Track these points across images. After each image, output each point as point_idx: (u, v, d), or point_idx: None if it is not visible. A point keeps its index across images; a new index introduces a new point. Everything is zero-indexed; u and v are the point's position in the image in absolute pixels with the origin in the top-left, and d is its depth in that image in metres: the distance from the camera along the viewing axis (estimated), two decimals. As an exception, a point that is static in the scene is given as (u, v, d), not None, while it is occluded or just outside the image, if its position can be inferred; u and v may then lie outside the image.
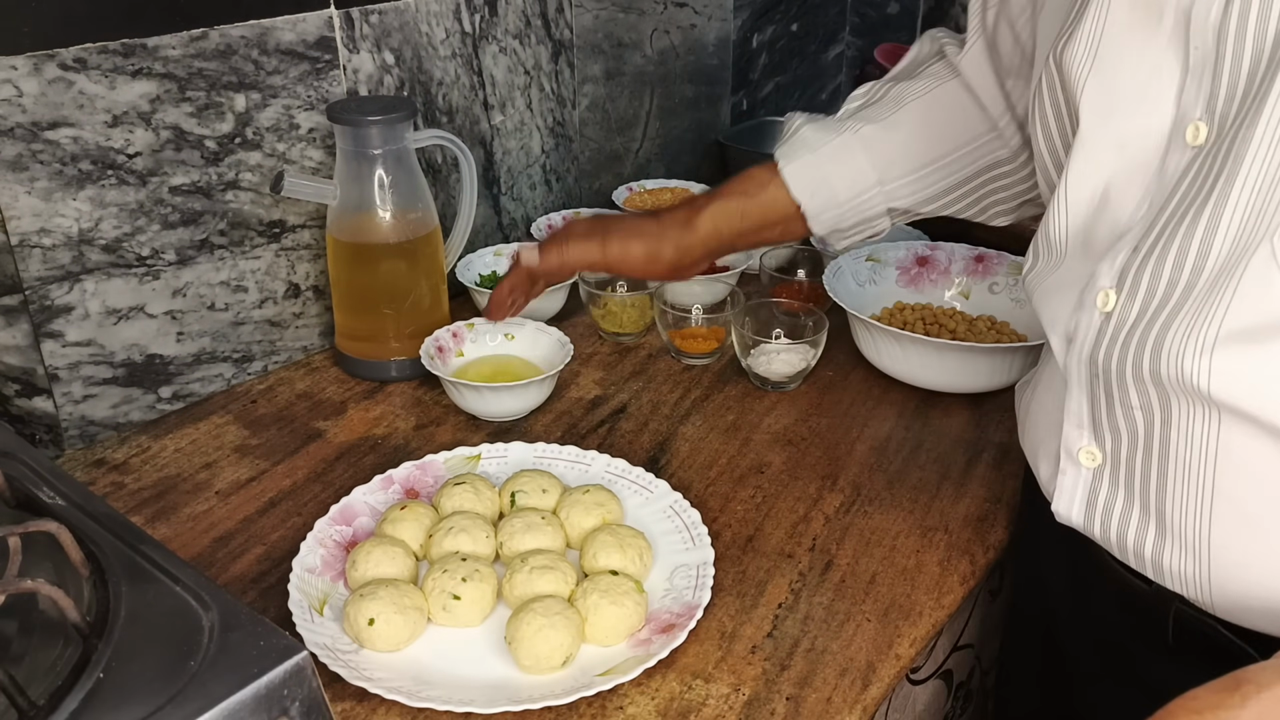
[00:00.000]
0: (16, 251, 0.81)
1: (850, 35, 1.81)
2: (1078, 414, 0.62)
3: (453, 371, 0.97)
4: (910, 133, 0.83)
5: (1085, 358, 0.59)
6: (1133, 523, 0.60)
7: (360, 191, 0.96)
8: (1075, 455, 0.63)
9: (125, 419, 0.92)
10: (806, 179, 0.83)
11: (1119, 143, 0.56)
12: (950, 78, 0.84)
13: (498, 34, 1.15)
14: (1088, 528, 0.64)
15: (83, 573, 0.51)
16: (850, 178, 0.83)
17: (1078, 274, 0.60)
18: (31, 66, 0.78)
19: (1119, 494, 0.61)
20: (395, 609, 0.66)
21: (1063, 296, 0.61)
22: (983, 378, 0.96)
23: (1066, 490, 0.64)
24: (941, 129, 0.83)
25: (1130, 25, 0.55)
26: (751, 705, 0.65)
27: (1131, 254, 0.55)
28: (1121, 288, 0.56)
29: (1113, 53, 0.56)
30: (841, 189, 0.83)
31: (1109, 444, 0.60)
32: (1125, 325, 0.56)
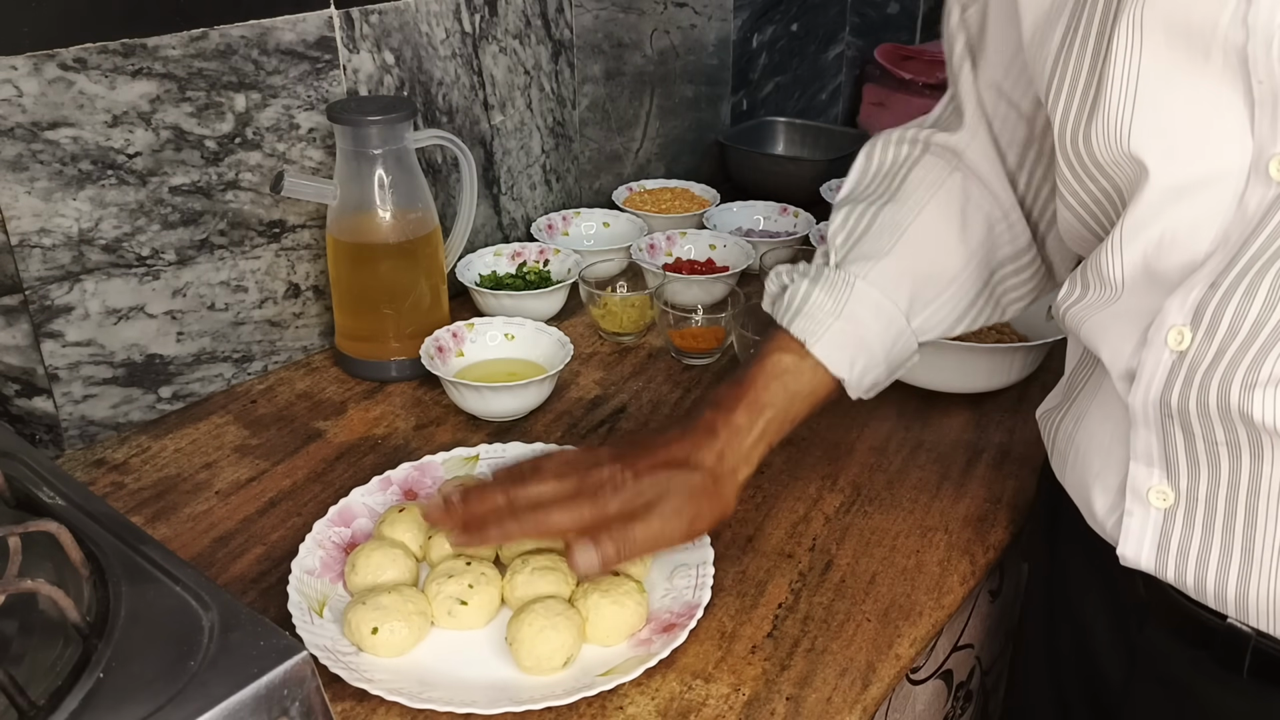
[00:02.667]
0: (16, 251, 0.81)
1: (850, 35, 1.82)
2: (1146, 452, 0.59)
3: (453, 371, 0.97)
4: (927, 254, 0.74)
5: (1154, 398, 0.57)
6: (1212, 561, 0.58)
7: (360, 191, 0.96)
8: (1144, 495, 0.60)
9: (125, 419, 0.92)
10: (845, 351, 0.71)
11: (1183, 184, 0.53)
12: (949, 173, 0.75)
13: (498, 34, 1.15)
14: (1160, 570, 0.61)
15: (83, 573, 0.51)
16: (882, 329, 0.72)
17: (1137, 309, 0.57)
18: (31, 66, 0.78)
19: (1195, 532, 0.58)
20: (399, 616, 0.66)
21: (1121, 333, 0.58)
22: (983, 378, 0.96)
23: (1134, 532, 0.61)
24: (958, 236, 0.74)
25: (1170, 63, 0.53)
26: (751, 705, 0.65)
27: (1209, 290, 0.53)
28: (1198, 325, 0.54)
29: (1155, 94, 0.53)
30: (877, 345, 0.72)
31: (1184, 482, 0.58)
32: (1202, 364, 0.54)
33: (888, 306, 0.72)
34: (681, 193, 1.37)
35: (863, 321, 0.72)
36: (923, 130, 0.77)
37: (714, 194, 1.36)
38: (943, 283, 0.74)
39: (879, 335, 0.72)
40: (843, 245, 0.75)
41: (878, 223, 0.74)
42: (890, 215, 0.74)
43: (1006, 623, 1.00)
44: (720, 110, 1.56)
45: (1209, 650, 0.61)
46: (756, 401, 0.70)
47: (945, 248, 0.74)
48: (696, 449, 0.69)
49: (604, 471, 0.67)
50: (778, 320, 0.74)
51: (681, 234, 1.23)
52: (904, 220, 0.74)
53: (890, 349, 0.73)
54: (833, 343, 0.71)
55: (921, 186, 0.75)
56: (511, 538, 0.69)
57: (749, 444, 0.70)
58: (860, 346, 0.72)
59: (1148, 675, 0.67)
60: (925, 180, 0.75)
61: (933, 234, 0.74)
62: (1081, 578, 0.71)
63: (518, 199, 1.25)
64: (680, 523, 0.67)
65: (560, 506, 0.67)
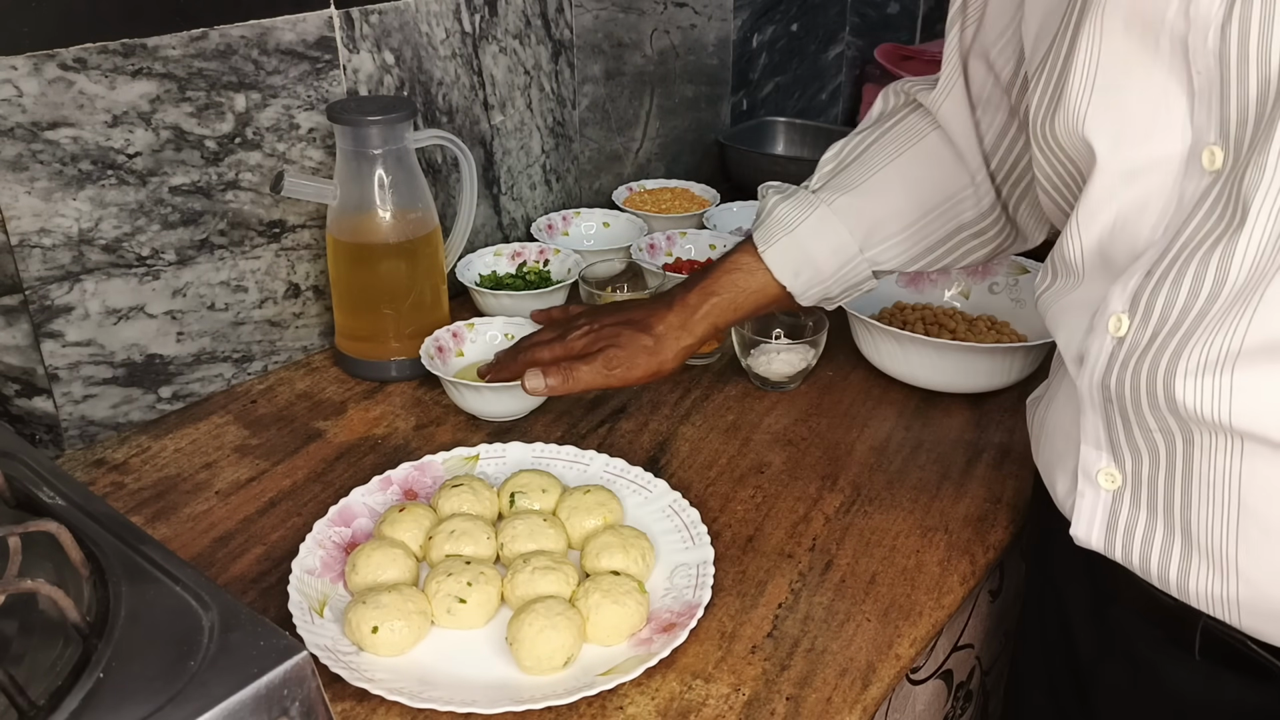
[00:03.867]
0: (16, 251, 0.81)
1: (850, 35, 1.82)
2: (1094, 435, 0.61)
3: (453, 371, 0.97)
4: (888, 197, 0.83)
5: (1097, 381, 0.59)
6: (1156, 543, 0.59)
7: (360, 191, 0.96)
8: (1094, 477, 0.62)
9: (125, 419, 0.92)
10: (789, 260, 0.83)
11: (1132, 169, 0.55)
12: (928, 131, 0.83)
13: (498, 34, 1.15)
14: (1108, 550, 0.63)
15: (83, 573, 0.51)
16: (832, 251, 0.82)
17: (1092, 296, 0.59)
18: (31, 66, 0.78)
19: (1140, 515, 0.60)
20: (399, 615, 0.66)
21: (1075, 318, 0.61)
22: (983, 378, 0.96)
23: (1085, 513, 0.63)
24: (920, 189, 0.82)
25: (1127, 52, 0.54)
26: (751, 705, 0.65)
27: (1145, 278, 0.55)
28: (1134, 312, 0.55)
29: (1112, 80, 0.55)
30: (825, 264, 0.83)
31: (1129, 465, 0.60)
32: (1136, 350, 0.55)
33: (842, 233, 0.82)
34: (681, 193, 1.37)
35: (812, 238, 0.82)
36: (916, 85, 0.85)
37: (714, 194, 1.36)
38: (899, 225, 0.83)
39: (828, 256, 0.83)
40: (825, 174, 0.86)
41: (858, 161, 0.85)
42: (871, 156, 0.84)
43: (1006, 623, 1.00)
44: (720, 110, 1.56)
45: (1165, 629, 0.63)
46: (708, 288, 0.85)
47: (906, 195, 0.83)
48: (650, 315, 0.85)
49: (580, 322, 0.88)
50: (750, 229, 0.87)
51: (681, 234, 1.23)
52: (878, 164, 0.84)
53: (839, 270, 0.83)
54: (780, 252, 0.83)
55: (900, 137, 0.84)
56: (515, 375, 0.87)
57: (694, 319, 0.84)
58: (805, 260, 0.83)
59: (1114, 652, 0.69)
60: (906, 132, 0.84)
61: (898, 181, 0.83)
62: (1064, 560, 0.73)
63: (518, 199, 1.25)
64: (618, 368, 0.83)
65: (542, 344, 0.88)
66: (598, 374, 0.83)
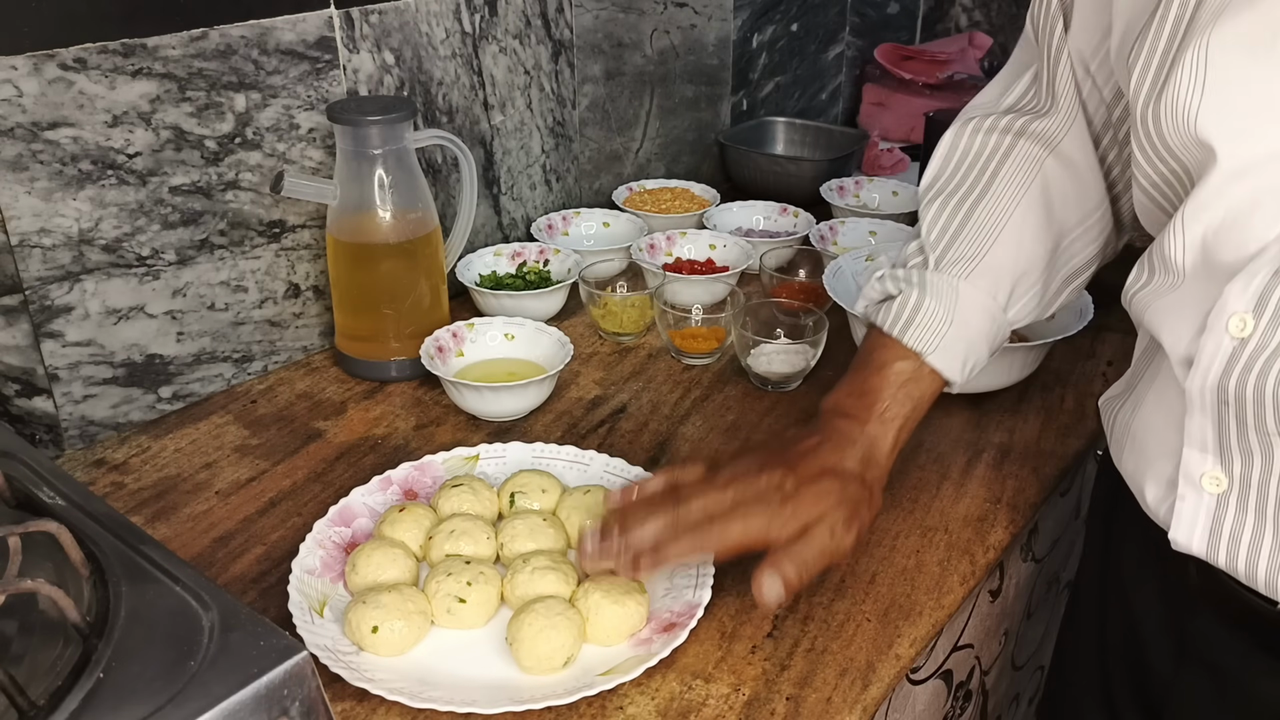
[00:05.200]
0: (16, 251, 0.81)
1: (850, 35, 1.82)
2: (1201, 438, 0.59)
3: (453, 371, 0.97)
4: (1024, 249, 0.75)
5: (1212, 384, 0.57)
6: (1265, 548, 0.58)
7: (360, 191, 0.96)
8: (1197, 481, 0.60)
9: (125, 419, 0.92)
10: (957, 355, 0.74)
11: (1245, 166, 0.54)
12: (1041, 160, 0.76)
13: (498, 34, 1.15)
14: (1211, 556, 0.61)
15: (83, 573, 0.51)
16: (987, 328, 0.75)
17: (1199, 295, 0.57)
18: (31, 66, 0.78)
19: (1248, 519, 0.59)
20: (399, 615, 0.66)
21: (1182, 318, 0.59)
22: (983, 378, 0.96)
23: (1186, 517, 0.61)
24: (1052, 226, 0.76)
25: (1239, 49, 0.53)
26: (751, 705, 0.65)
27: (1273, 277, 0.53)
28: (1261, 312, 0.53)
29: (1224, 77, 0.53)
30: (983, 343, 0.75)
31: (1237, 468, 0.58)
32: (1265, 351, 0.54)
33: (990, 304, 0.75)
34: (681, 193, 1.37)
35: (971, 324, 0.74)
36: (1018, 119, 0.77)
37: (714, 194, 1.36)
38: (1036, 275, 0.76)
39: (984, 333, 0.75)
40: (937, 243, 0.76)
41: (973, 220, 0.76)
42: (986, 211, 0.76)
43: (1006, 622, 1.00)
44: (720, 110, 1.56)
45: (1259, 637, 0.61)
46: (886, 412, 0.73)
47: (1039, 241, 0.76)
48: (844, 457, 0.70)
49: (763, 479, 0.67)
50: (886, 329, 0.75)
51: (681, 234, 1.23)
52: (1000, 217, 0.75)
53: (992, 342, 0.76)
54: (948, 351, 0.74)
55: (1015, 180, 0.76)
56: (685, 556, 0.67)
57: (886, 452, 0.72)
58: (970, 349, 0.75)
59: (1195, 664, 0.67)
60: (1019, 173, 0.76)
61: (1029, 229, 0.75)
62: (1134, 568, 0.71)
63: (518, 199, 1.25)
64: (850, 534, 0.67)
65: (731, 517, 0.65)
66: (829, 552, 0.66)
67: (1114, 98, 0.72)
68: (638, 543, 0.65)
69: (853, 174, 1.49)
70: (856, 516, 0.68)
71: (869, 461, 0.71)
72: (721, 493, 0.67)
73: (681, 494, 0.67)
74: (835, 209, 1.38)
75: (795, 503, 0.66)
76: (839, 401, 0.74)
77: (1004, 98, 0.79)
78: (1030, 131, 0.76)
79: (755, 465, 0.68)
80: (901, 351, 0.74)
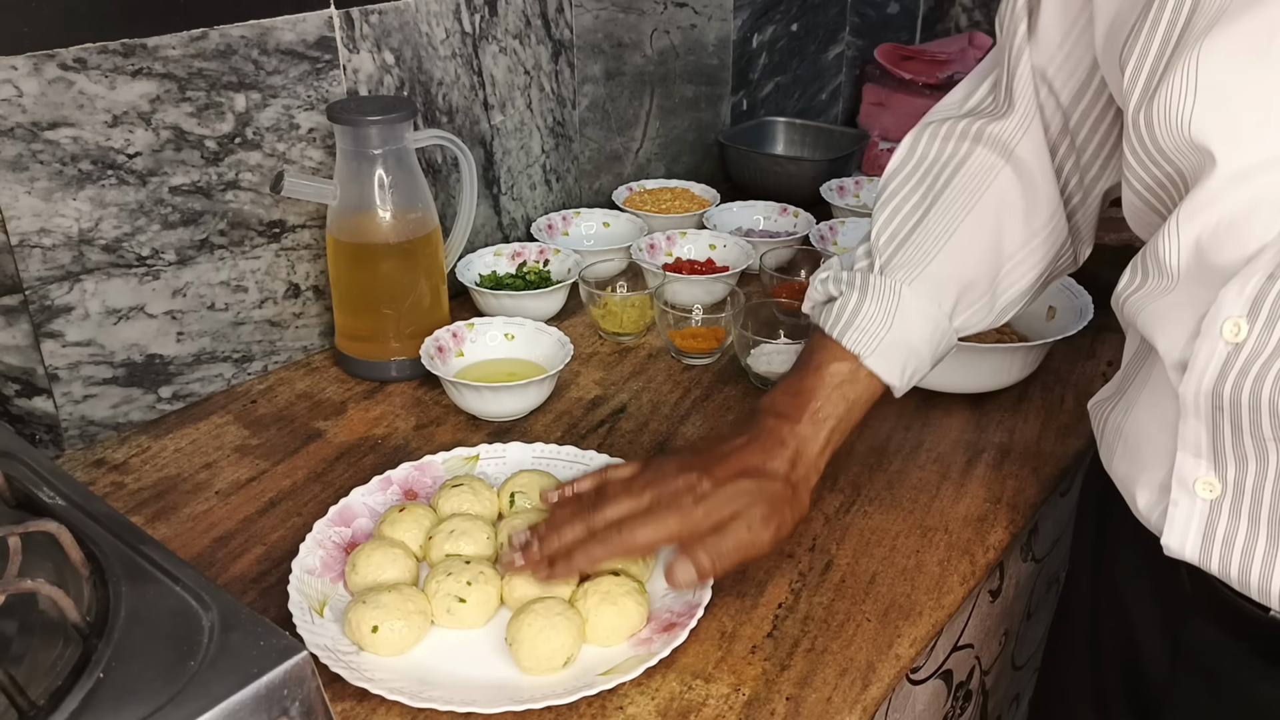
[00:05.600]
0: (16, 251, 0.81)
1: (850, 35, 1.82)
2: (1194, 443, 0.59)
3: (453, 371, 0.97)
4: (971, 258, 0.75)
5: (1207, 389, 0.56)
6: (1258, 554, 0.58)
7: (360, 191, 0.96)
8: (1190, 486, 0.60)
9: (125, 419, 0.92)
10: (895, 360, 0.73)
11: (1245, 170, 0.53)
12: (997, 170, 0.75)
13: (498, 34, 1.15)
14: (1204, 561, 0.61)
15: (83, 573, 0.51)
16: (929, 335, 0.75)
17: (1193, 299, 0.56)
18: (31, 66, 0.78)
19: (1241, 525, 0.58)
20: (399, 615, 0.66)
21: (1176, 322, 0.58)
22: (983, 378, 0.96)
23: (1179, 523, 0.61)
24: (1003, 238, 0.75)
25: (1233, 54, 0.52)
26: (751, 705, 0.65)
27: (1267, 281, 0.52)
28: (1255, 317, 0.53)
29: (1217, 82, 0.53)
30: (925, 350, 0.75)
31: (1231, 473, 0.58)
32: (1260, 356, 0.54)
33: (934, 312, 0.74)
34: (681, 193, 1.37)
35: (911, 329, 0.74)
36: (974, 122, 0.76)
37: (714, 194, 1.36)
38: (984, 286, 0.76)
39: (926, 340, 0.74)
40: (886, 247, 0.76)
41: (923, 227, 0.75)
42: (936, 219, 0.75)
43: (1006, 623, 1.00)
44: (720, 110, 1.56)
45: (1252, 642, 0.61)
46: (819, 413, 0.73)
47: (990, 250, 0.75)
48: (769, 457, 0.71)
49: (677, 481, 0.69)
50: (826, 330, 0.75)
51: (681, 234, 1.23)
52: (950, 225, 0.75)
53: (935, 349, 0.76)
54: (886, 355, 0.73)
55: (968, 189, 0.75)
56: (599, 562, 0.69)
57: (816, 452, 0.72)
58: (910, 353, 0.74)
59: (1191, 668, 0.67)
60: (972, 181, 0.75)
61: (978, 238, 0.75)
62: (1127, 571, 0.71)
63: (518, 199, 1.25)
64: (768, 530, 0.68)
65: (643, 521, 0.68)
66: (750, 544, 0.68)
67: (1072, 100, 0.71)
68: (551, 549, 0.69)
69: (853, 174, 1.49)
70: (776, 514, 0.69)
71: (796, 461, 0.71)
72: (637, 497, 0.69)
73: (595, 502, 0.69)
74: (835, 209, 1.38)
75: (708, 504, 0.68)
76: (774, 400, 0.74)
77: (966, 101, 0.79)
78: (986, 136, 0.75)
79: (674, 468, 0.70)
80: (840, 353, 0.74)
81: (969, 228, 0.75)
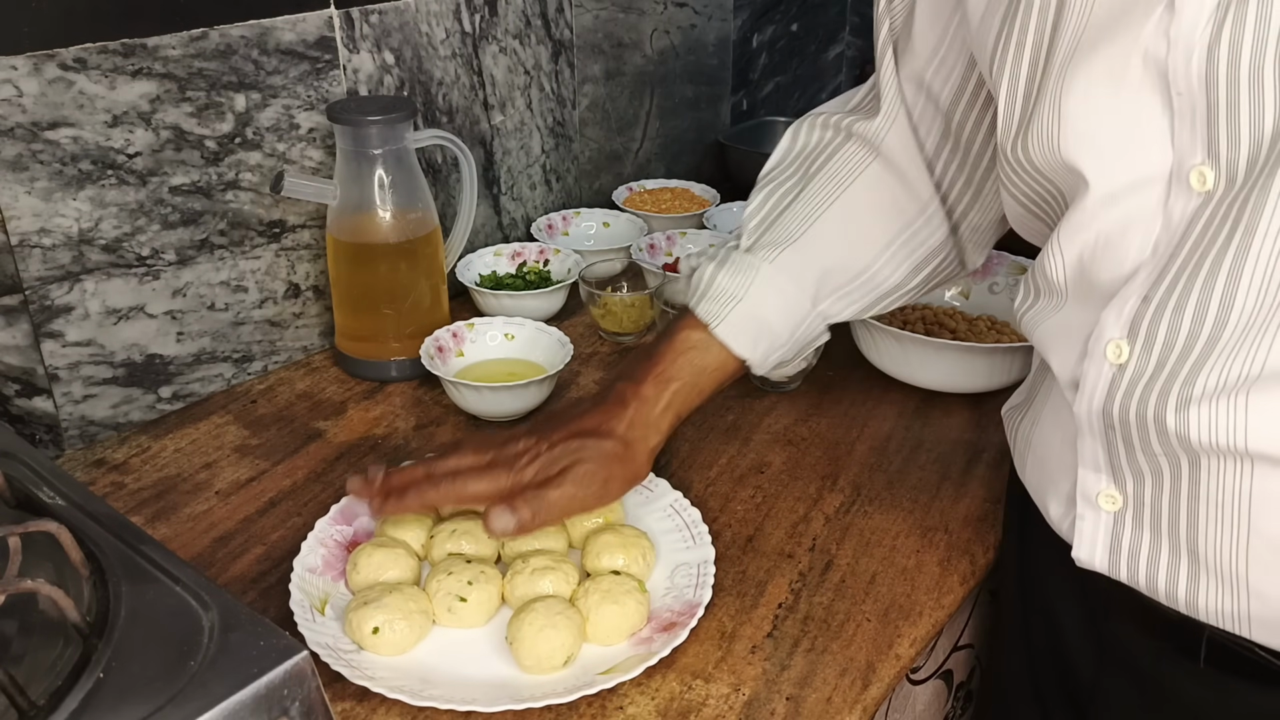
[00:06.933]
0: (16, 251, 0.81)
1: (850, 35, 1.82)
2: (1093, 459, 0.59)
3: (453, 371, 0.97)
4: (835, 244, 0.76)
5: (1097, 409, 0.57)
6: (1162, 563, 0.58)
7: (360, 191, 0.96)
8: (1094, 499, 0.60)
9: (125, 419, 0.92)
10: (745, 331, 0.75)
11: (1112, 190, 0.54)
12: (867, 163, 0.77)
13: (498, 34, 1.15)
14: (1113, 571, 0.61)
15: (83, 573, 0.51)
16: (785, 313, 0.76)
17: (1080, 320, 0.57)
18: (31, 66, 0.78)
19: (1144, 535, 0.59)
20: (400, 615, 0.66)
21: (1066, 342, 0.59)
22: (983, 378, 0.96)
23: (1087, 535, 0.62)
24: (869, 231, 0.76)
25: (1094, 79, 0.53)
26: (751, 705, 0.65)
27: (1142, 303, 0.53)
28: (1135, 339, 0.54)
29: (1079, 107, 0.54)
30: (780, 328, 0.76)
31: (1130, 487, 0.58)
32: (1142, 378, 0.54)
33: (792, 291, 0.76)
34: (681, 193, 1.37)
35: (764, 304, 0.75)
36: (845, 117, 0.78)
37: (714, 194, 1.36)
38: (852, 272, 0.77)
39: (782, 318, 0.76)
40: (755, 229, 0.78)
41: (791, 209, 0.77)
42: (804, 202, 0.77)
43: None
44: (720, 110, 1.56)
45: (1172, 640, 0.62)
46: (664, 374, 0.74)
47: (856, 238, 0.77)
48: (608, 418, 0.73)
49: (519, 444, 0.73)
50: (688, 302, 0.77)
51: (681, 234, 1.23)
52: (816, 208, 0.77)
53: (794, 331, 0.77)
54: (735, 325, 0.75)
55: (837, 176, 0.77)
56: (429, 504, 0.73)
57: (657, 413, 0.74)
58: (762, 329, 0.75)
59: (1115, 667, 0.67)
60: (842, 170, 0.77)
61: (843, 225, 0.76)
62: (1050, 572, 0.72)
63: (518, 199, 1.25)
64: (594, 486, 0.71)
65: (477, 474, 0.72)
66: (572, 497, 0.70)
67: (951, 102, 0.72)
68: (389, 482, 0.73)
69: (853, 174, 1.49)
70: (603, 470, 0.71)
71: (635, 421, 0.73)
72: (479, 454, 0.73)
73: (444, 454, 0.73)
74: (835, 209, 1.38)
75: (539, 463, 0.71)
76: (625, 367, 0.77)
77: (848, 102, 0.81)
78: (857, 131, 0.77)
79: (521, 434, 0.74)
80: (693, 322, 0.76)
81: (834, 214, 0.76)
